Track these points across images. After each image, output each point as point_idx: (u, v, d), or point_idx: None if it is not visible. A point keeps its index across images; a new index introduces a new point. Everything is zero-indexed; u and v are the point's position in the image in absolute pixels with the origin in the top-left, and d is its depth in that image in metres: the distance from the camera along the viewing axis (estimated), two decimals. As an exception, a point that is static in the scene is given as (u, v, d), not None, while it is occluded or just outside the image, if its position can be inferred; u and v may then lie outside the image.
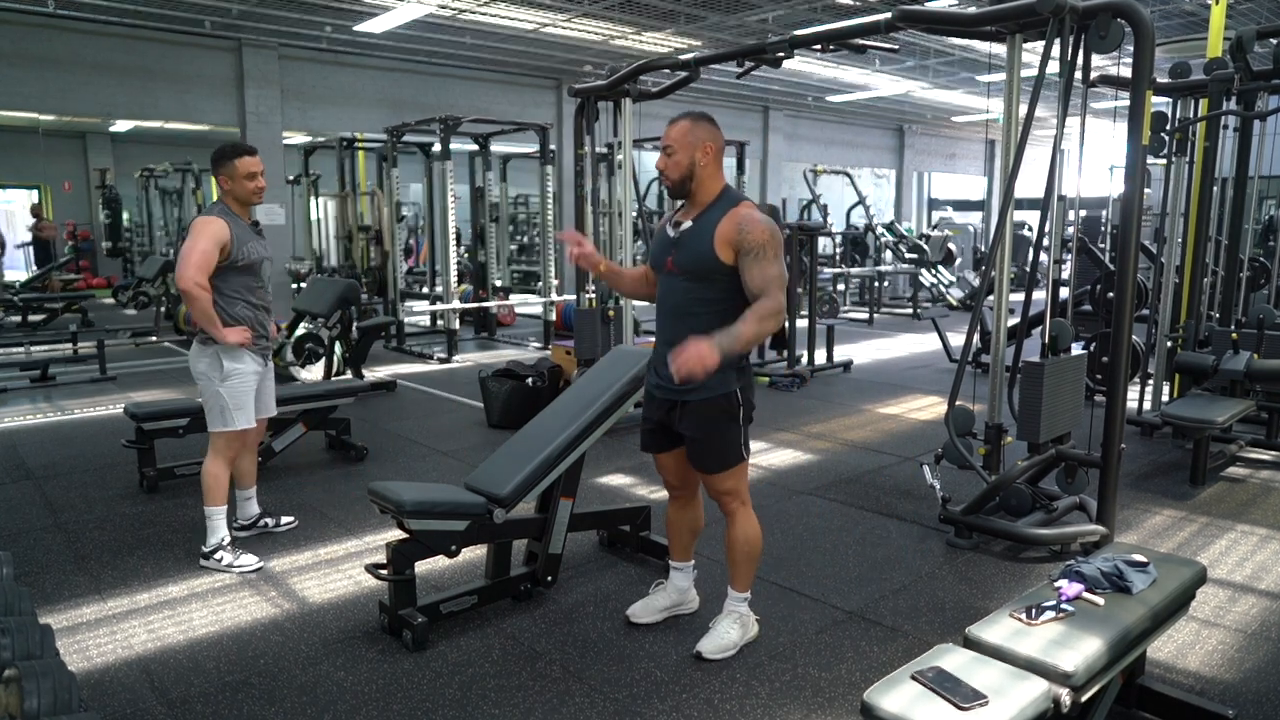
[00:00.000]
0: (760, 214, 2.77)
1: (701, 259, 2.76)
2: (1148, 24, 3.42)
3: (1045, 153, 4.21)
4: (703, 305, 2.80)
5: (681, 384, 2.68)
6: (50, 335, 9.51)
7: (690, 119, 2.82)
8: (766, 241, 2.70)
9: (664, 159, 2.82)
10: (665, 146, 2.81)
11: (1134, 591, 2.28)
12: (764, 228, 2.71)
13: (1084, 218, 8.47)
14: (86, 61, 10.28)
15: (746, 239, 2.70)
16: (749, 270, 2.72)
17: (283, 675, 2.87)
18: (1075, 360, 4.16)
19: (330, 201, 12.23)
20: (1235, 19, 9.42)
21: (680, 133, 2.79)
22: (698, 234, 2.78)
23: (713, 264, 2.75)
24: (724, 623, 3.04)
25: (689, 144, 2.78)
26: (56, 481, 4.95)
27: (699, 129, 2.80)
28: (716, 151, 2.82)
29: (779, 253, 2.75)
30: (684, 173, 2.79)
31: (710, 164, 2.81)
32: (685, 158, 2.78)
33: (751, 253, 2.70)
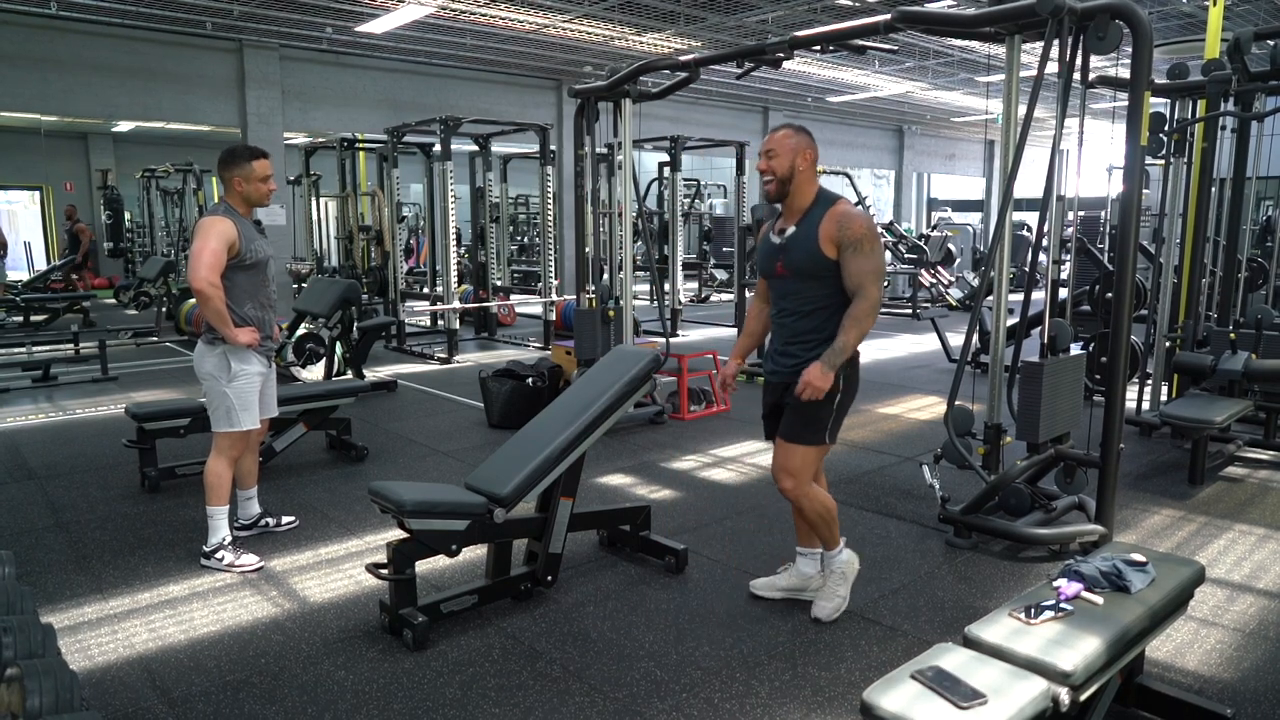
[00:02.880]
0: (858, 210, 2.98)
1: (810, 258, 2.96)
2: (1146, 25, 3.42)
3: (1044, 153, 4.21)
4: (813, 303, 3.00)
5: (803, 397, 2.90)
6: (52, 335, 9.52)
7: (790, 129, 3.04)
8: (864, 235, 2.90)
9: (765, 161, 3.02)
10: (768, 150, 3.02)
11: (1133, 591, 2.29)
12: (861, 221, 2.91)
13: (1083, 218, 8.48)
14: (88, 62, 10.30)
15: (846, 233, 2.90)
16: (848, 263, 2.91)
17: (283, 674, 2.87)
18: (1074, 360, 4.17)
19: (331, 202, 12.26)
20: (1233, 20, 9.43)
21: (781, 138, 3.01)
22: (803, 236, 2.98)
23: (821, 261, 2.94)
24: (830, 582, 3.23)
25: (790, 149, 2.98)
26: (58, 481, 4.96)
27: (799, 137, 3.02)
28: (813, 160, 3.04)
29: (876, 245, 2.94)
30: (785, 174, 2.99)
31: (808, 170, 3.02)
32: (786, 162, 2.98)
33: (851, 246, 2.90)
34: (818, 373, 2.86)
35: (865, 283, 2.90)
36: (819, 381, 2.86)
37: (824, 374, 2.86)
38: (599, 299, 6.33)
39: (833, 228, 2.91)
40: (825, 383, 2.86)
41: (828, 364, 2.87)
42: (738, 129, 16.23)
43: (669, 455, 5.55)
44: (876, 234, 2.94)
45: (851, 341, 2.90)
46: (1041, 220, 4.02)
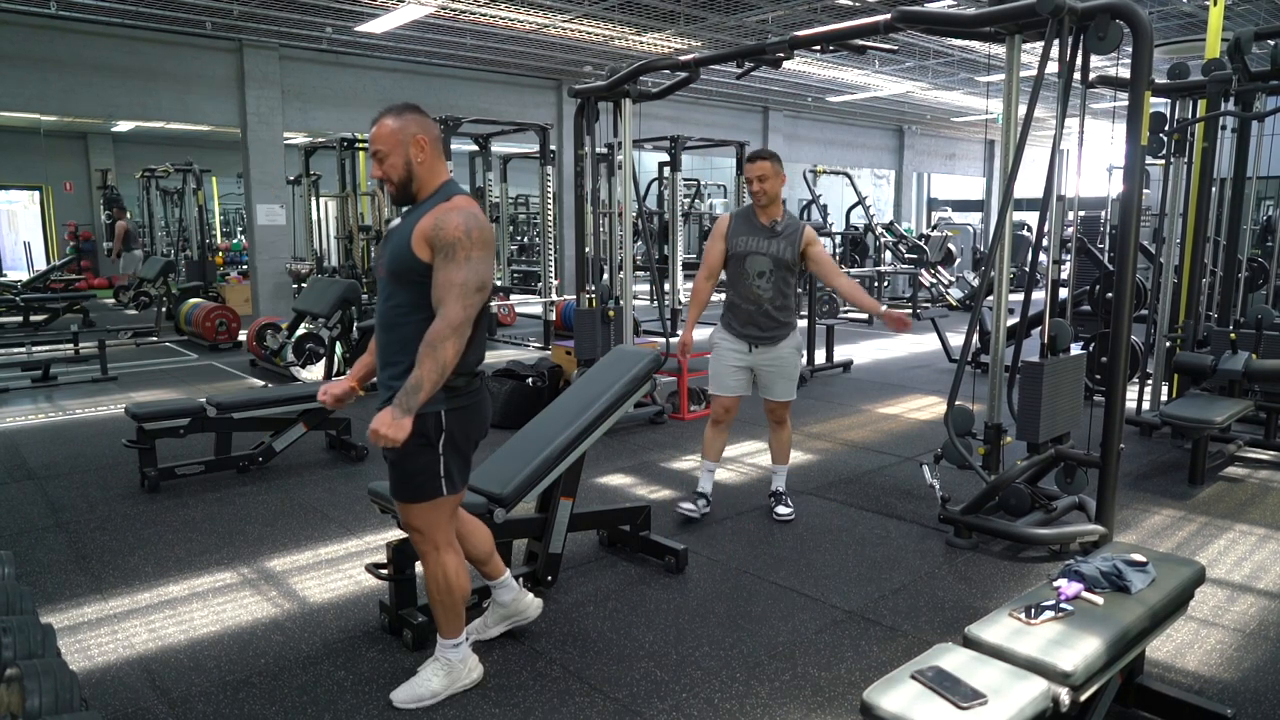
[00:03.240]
0: (468, 210, 2.45)
1: (399, 257, 2.49)
2: (1146, 25, 3.42)
3: (1044, 153, 4.21)
4: (401, 313, 2.51)
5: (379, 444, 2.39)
6: (51, 335, 9.52)
7: (393, 116, 2.50)
8: (458, 239, 2.38)
9: (377, 167, 2.51)
10: (375, 152, 2.50)
11: (1133, 591, 2.28)
12: (460, 223, 2.40)
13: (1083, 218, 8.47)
14: (88, 62, 10.30)
15: (440, 234, 2.40)
16: (435, 271, 2.41)
17: (283, 674, 2.87)
18: (1074, 360, 4.17)
19: (331, 202, 12.25)
20: (1233, 20, 9.43)
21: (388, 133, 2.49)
22: (403, 229, 2.51)
23: (410, 262, 2.46)
24: (426, 667, 2.73)
25: (400, 142, 2.49)
26: (58, 481, 4.96)
27: (407, 121, 2.50)
28: (430, 144, 2.52)
29: (476, 254, 2.40)
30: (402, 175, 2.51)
31: (428, 159, 2.52)
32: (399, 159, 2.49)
33: (443, 250, 2.39)
34: (387, 419, 2.30)
35: (447, 298, 2.35)
36: (385, 429, 2.29)
37: (396, 420, 2.30)
38: (599, 299, 6.33)
39: (429, 225, 2.40)
40: (397, 431, 2.30)
41: (401, 407, 2.31)
42: (738, 129, 16.24)
43: (669, 455, 5.55)
44: (483, 243, 2.41)
45: (427, 376, 2.32)
46: (1041, 220, 4.02)
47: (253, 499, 4.65)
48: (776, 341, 4.17)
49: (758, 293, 4.12)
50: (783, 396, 4.26)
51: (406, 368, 2.41)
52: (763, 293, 4.12)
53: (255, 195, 11.73)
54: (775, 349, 4.17)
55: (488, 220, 2.53)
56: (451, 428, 2.51)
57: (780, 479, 4.46)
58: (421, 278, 2.43)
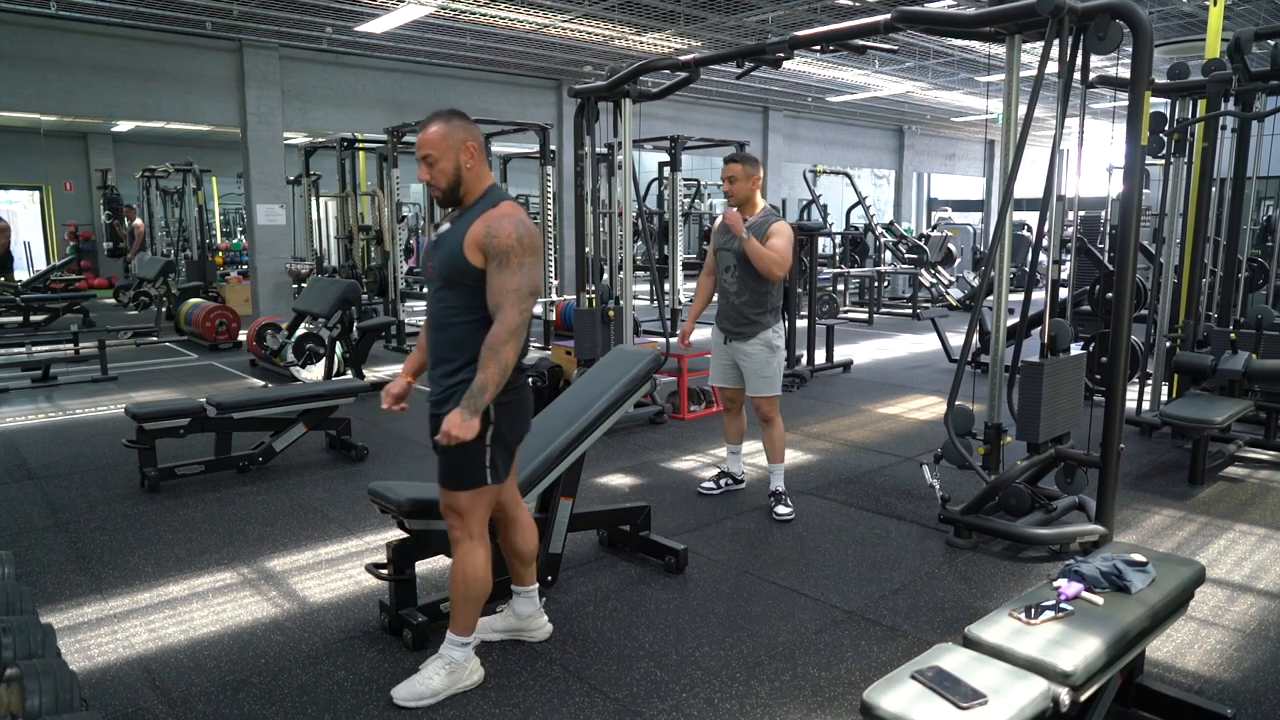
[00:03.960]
0: (517, 216, 2.57)
1: (452, 262, 2.58)
2: (1146, 25, 3.42)
3: (1044, 153, 4.21)
4: (455, 315, 2.62)
5: None
6: (52, 335, 9.52)
7: (443, 121, 2.60)
8: (512, 246, 2.50)
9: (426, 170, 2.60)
10: (425, 156, 2.58)
11: (1133, 591, 2.28)
12: (512, 229, 2.51)
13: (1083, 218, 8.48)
14: (88, 62, 10.29)
15: (493, 241, 2.51)
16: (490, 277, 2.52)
17: (283, 674, 2.87)
18: (1074, 360, 4.17)
19: (331, 202, 12.26)
20: (1233, 20, 9.43)
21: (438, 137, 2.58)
22: (454, 235, 2.61)
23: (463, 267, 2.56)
24: (430, 664, 2.74)
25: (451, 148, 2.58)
26: (58, 481, 4.96)
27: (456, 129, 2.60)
28: (477, 150, 2.64)
29: (528, 259, 2.53)
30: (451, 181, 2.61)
31: (476, 165, 2.63)
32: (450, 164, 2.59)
33: (497, 257, 2.51)
34: (457, 422, 2.43)
35: (504, 303, 2.49)
36: (459, 432, 2.43)
37: (464, 423, 2.43)
38: (599, 299, 6.33)
39: (481, 231, 2.51)
40: (467, 433, 2.44)
41: (468, 409, 2.44)
42: (738, 129, 16.24)
43: (669, 455, 5.55)
44: (534, 249, 2.54)
45: (491, 379, 2.46)
46: (1041, 220, 4.02)
47: (253, 499, 4.65)
48: (747, 338, 4.35)
49: (726, 287, 4.39)
50: (756, 392, 4.40)
51: (459, 365, 2.58)
52: (729, 286, 4.37)
53: (255, 195, 11.73)
54: (745, 345, 4.36)
55: (535, 226, 2.64)
56: (499, 421, 2.62)
57: (778, 479, 4.48)
58: (474, 282, 2.54)
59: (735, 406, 4.65)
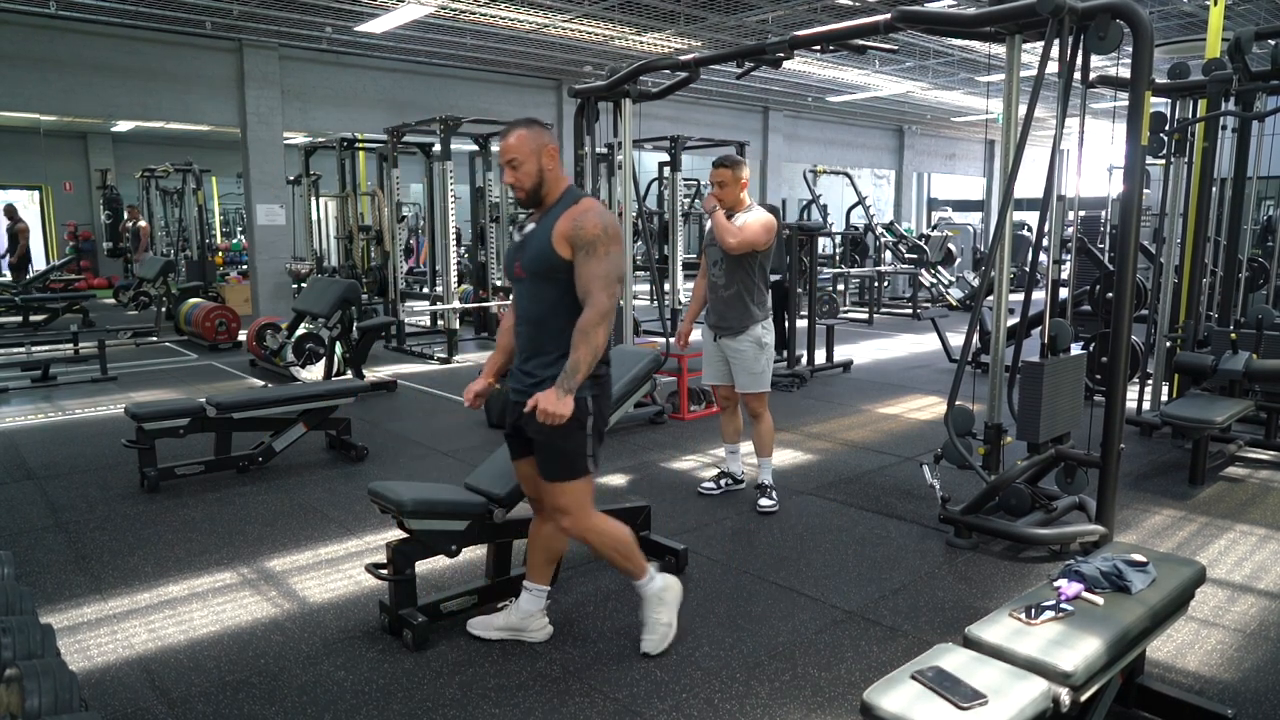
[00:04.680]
0: (599, 208, 2.73)
1: (543, 257, 2.72)
2: (1146, 25, 3.42)
3: (1045, 153, 4.21)
4: (549, 309, 2.75)
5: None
6: (51, 335, 9.52)
7: (525, 128, 2.75)
8: (598, 236, 2.65)
9: (511, 173, 2.75)
10: (510, 160, 2.73)
11: (1133, 591, 2.28)
12: (598, 220, 2.67)
13: (1083, 218, 8.47)
14: (88, 62, 10.29)
15: (581, 233, 2.66)
16: (579, 266, 2.67)
17: (283, 675, 2.87)
18: (1075, 360, 4.17)
19: (331, 202, 12.25)
20: (1234, 20, 9.43)
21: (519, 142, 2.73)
22: (540, 232, 2.75)
23: (553, 261, 2.70)
24: (649, 611, 2.99)
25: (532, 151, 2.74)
26: (57, 481, 4.96)
27: (536, 134, 2.75)
28: (556, 153, 2.78)
29: (612, 248, 2.67)
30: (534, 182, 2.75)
31: (555, 167, 2.78)
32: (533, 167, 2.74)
33: (584, 247, 2.65)
34: (552, 399, 2.56)
35: (594, 289, 2.63)
36: (552, 407, 2.55)
37: (559, 399, 2.56)
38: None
39: (568, 225, 2.66)
40: (561, 408, 2.56)
41: (563, 387, 2.58)
42: (738, 129, 16.23)
43: (669, 455, 5.55)
44: (616, 238, 2.69)
45: (583, 359, 2.60)
46: (1042, 220, 4.02)
47: (253, 499, 4.65)
48: (735, 334, 4.40)
49: (715, 281, 4.44)
50: (745, 389, 4.45)
51: (556, 356, 2.71)
52: (718, 280, 4.42)
53: (255, 195, 11.73)
54: (734, 342, 4.42)
55: (615, 217, 2.77)
56: (596, 412, 2.77)
57: (765, 473, 4.52)
58: (564, 275, 2.68)
59: (731, 405, 4.68)
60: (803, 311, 8.25)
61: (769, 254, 4.38)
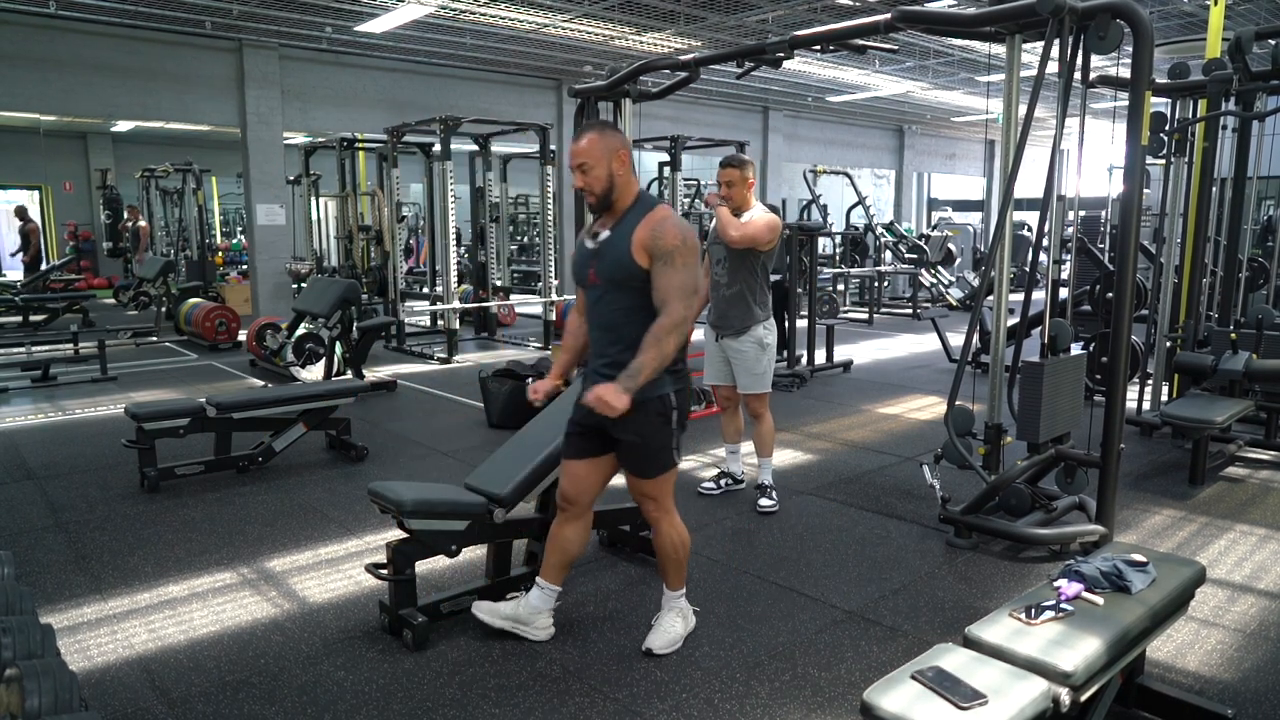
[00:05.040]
0: (676, 218, 2.78)
1: (620, 265, 2.76)
2: (1147, 25, 3.42)
3: (1045, 153, 4.21)
4: (625, 315, 2.79)
5: None
6: (51, 335, 9.52)
7: (596, 131, 2.78)
8: (677, 246, 2.69)
9: (581, 177, 2.78)
10: (580, 165, 2.77)
11: (1133, 591, 2.28)
12: (676, 231, 2.71)
13: (1083, 218, 8.47)
14: (87, 62, 10.29)
15: (659, 243, 2.70)
16: (656, 276, 2.71)
17: (283, 675, 2.87)
18: (1075, 360, 4.17)
19: (331, 202, 12.25)
20: (1234, 20, 9.43)
21: (590, 146, 2.76)
22: (617, 240, 2.77)
23: (631, 269, 2.73)
24: (667, 615, 3.07)
25: (602, 154, 2.76)
26: (57, 481, 4.95)
27: (608, 138, 2.78)
28: (628, 158, 2.82)
29: (689, 259, 2.72)
30: (605, 186, 2.78)
31: (625, 172, 2.80)
32: (603, 170, 2.77)
33: (662, 257, 2.69)
34: (612, 391, 2.58)
35: (670, 298, 2.67)
36: (611, 398, 2.57)
37: (618, 394, 2.58)
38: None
39: (646, 234, 2.70)
40: (618, 401, 2.58)
41: (623, 386, 2.60)
42: (738, 129, 16.23)
43: (669, 455, 5.54)
44: (694, 248, 2.73)
45: (649, 362, 2.63)
46: (1042, 220, 4.02)
47: (252, 499, 4.65)
48: (738, 335, 4.42)
49: (718, 279, 4.45)
50: (747, 389, 4.46)
51: (629, 359, 2.71)
52: (720, 279, 4.44)
53: (255, 195, 11.73)
54: (736, 342, 4.43)
55: (691, 226, 2.83)
56: (680, 406, 2.84)
57: (765, 473, 4.53)
58: (641, 283, 2.73)
59: (732, 405, 4.68)
60: (803, 311, 8.25)
61: (771, 254, 4.38)
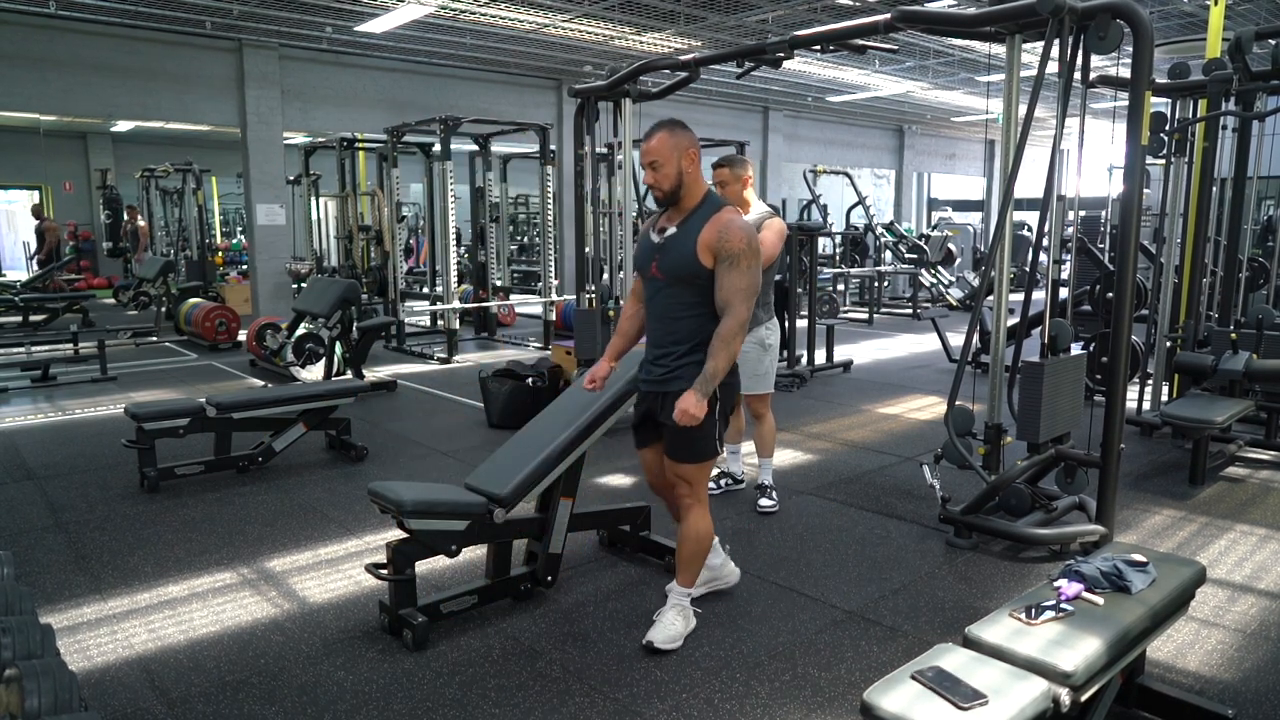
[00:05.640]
0: (742, 220, 2.86)
1: (685, 263, 2.86)
2: (1147, 25, 3.42)
3: (1045, 153, 4.21)
4: (685, 309, 2.90)
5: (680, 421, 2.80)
6: (51, 335, 9.52)
7: (667, 129, 2.91)
8: (743, 250, 2.78)
9: (651, 174, 2.89)
10: (651, 162, 2.89)
11: (1133, 591, 2.28)
12: (742, 234, 2.80)
13: (1083, 218, 8.47)
14: (87, 62, 10.29)
15: (725, 245, 2.79)
16: (720, 277, 2.81)
17: (283, 675, 2.87)
18: (1075, 360, 4.17)
19: (331, 202, 12.25)
20: (1234, 20, 9.43)
21: (661, 144, 2.89)
22: (682, 239, 2.88)
23: (695, 268, 2.84)
24: (669, 610, 3.10)
25: (672, 152, 2.88)
26: (57, 481, 4.95)
27: (679, 135, 2.90)
28: (697, 157, 2.94)
29: (754, 262, 2.82)
30: (674, 183, 2.89)
31: (694, 169, 2.92)
32: (673, 168, 2.88)
33: (727, 259, 2.79)
34: (693, 402, 2.75)
35: (734, 300, 2.79)
36: (695, 410, 2.75)
37: (698, 402, 2.76)
38: (599, 299, 6.32)
39: (713, 236, 2.80)
40: (699, 411, 2.76)
41: (700, 391, 2.77)
42: (738, 129, 16.22)
43: (669, 455, 5.54)
44: (758, 252, 2.84)
45: (721, 366, 2.79)
46: (1042, 220, 4.02)
47: (252, 499, 4.65)
48: None
49: None
50: (749, 390, 4.40)
51: (686, 350, 2.89)
52: None
53: (255, 195, 11.73)
54: None
55: (754, 229, 2.96)
56: (724, 399, 2.94)
57: (766, 473, 4.53)
58: (703, 281, 2.84)
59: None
60: (803, 311, 8.25)
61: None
